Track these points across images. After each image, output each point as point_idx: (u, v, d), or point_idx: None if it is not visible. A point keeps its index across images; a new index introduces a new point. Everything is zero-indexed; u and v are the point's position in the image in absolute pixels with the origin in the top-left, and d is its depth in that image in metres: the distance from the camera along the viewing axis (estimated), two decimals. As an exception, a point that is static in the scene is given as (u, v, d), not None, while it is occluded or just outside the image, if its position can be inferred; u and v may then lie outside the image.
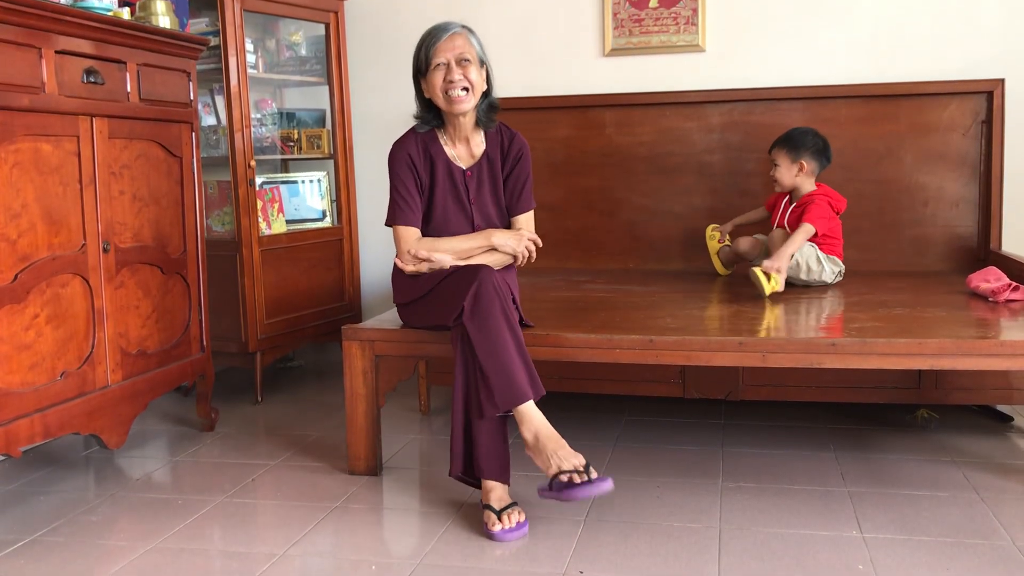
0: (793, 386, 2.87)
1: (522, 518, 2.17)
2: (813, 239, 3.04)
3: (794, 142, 3.13)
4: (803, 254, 3.01)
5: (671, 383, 2.93)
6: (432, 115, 2.51)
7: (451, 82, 2.39)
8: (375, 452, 2.58)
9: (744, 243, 3.25)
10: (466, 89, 2.40)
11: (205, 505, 2.39)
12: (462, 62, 2.40)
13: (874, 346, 2.25)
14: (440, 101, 2.43)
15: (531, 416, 2.17)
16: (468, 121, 2.49)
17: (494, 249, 2.50)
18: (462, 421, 2.24)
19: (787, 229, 3.13)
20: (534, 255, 2.54)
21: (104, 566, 2.04)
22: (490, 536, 2.13)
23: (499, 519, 2.15)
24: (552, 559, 2.02)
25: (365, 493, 2.45)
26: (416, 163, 2.48)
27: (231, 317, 3.36)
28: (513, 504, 2.20)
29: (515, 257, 2.52)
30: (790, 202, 3.19)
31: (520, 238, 2.52)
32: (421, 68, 2.45)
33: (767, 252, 3.14)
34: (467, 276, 2.27)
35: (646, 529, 2.17)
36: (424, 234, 2.50)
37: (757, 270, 2.86)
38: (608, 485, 2.07)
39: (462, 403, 2.24)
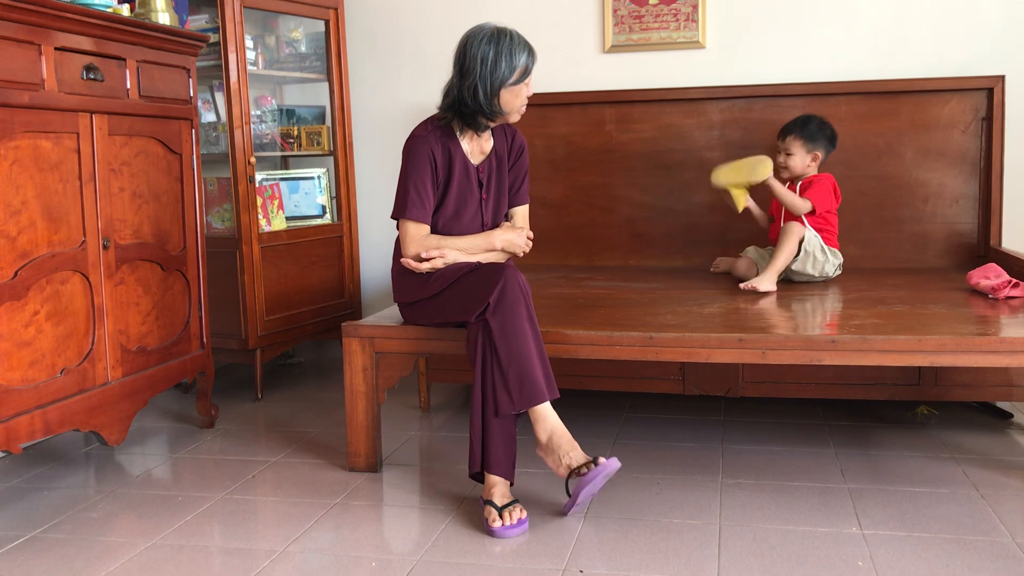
0: (793, 383, 2.87)
1: (523, 515, 2.17)
2: (812, 222, 3.05)
3: (812, 132, 3.12)
4: (810, 243, 3.00)
5: (671, 380, 2.94)
6: (468, 113, 2.45)
7: (526, 100, 2.47)
8: (375, 449, 2.58)
9: (742, 265, 3.20)
10: None
11: (205, 502, 2.39)
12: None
13: (874, 343, 2.25)
14: (513, 113, 2.47)
15: (546, 416, 2.20)
16: None
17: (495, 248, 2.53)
18: (480, 419, 2.24)
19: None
20: (528, 249, 2.61)
21: (104, 562, 2.04)
22: (490, 532, 2.13)
23: (500, 516, 2.15)
24: (552, 555, 2.02)
25: (365, 490, 2.46)
26: (436, 158, 2.46)
27: (231, 314, 3.36)
28: (515, 501, 2.20)
29: (515, 253, 2.57)
30: (792, 187, 3.18)
31: (521, 235, 2.57)
32: (506, 79, 2.39)
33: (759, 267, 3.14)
34: (492, 274, 2.28)
35: (646, 525, 2.17)
36: (433, 229, 2.50)
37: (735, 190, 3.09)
38: (614, 464, 2.13)
39: (482, 400, 2.24)
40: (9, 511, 2.36)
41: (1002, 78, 3.33)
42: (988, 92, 3.35)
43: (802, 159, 3.13)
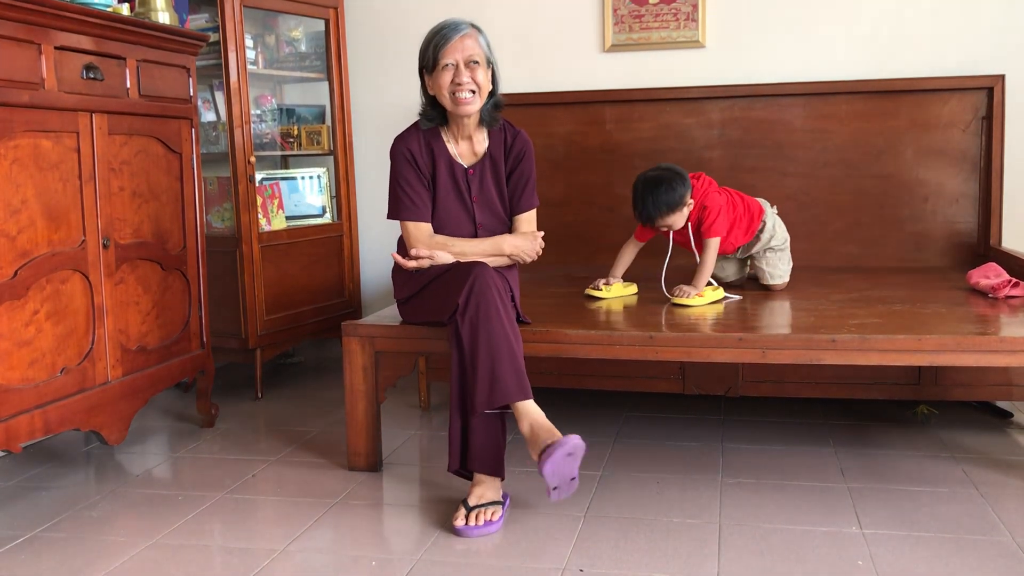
0: (793, 382, 2.87)
1: (494, 518, 2.15)
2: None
3: (669, 196, 2.79)
4: (767, 260, 2.94)
5: (671, 379, 2.93)
6: (436, 112, 2.49)
7: (459, 84, 2.36)
8: (375, 448, 2.58)
9: (730, 268, 3.09)
10: (473, 91, 2.38)
11: (205, 501, 2.39)
12: (471, 64, 2.37)
13: (874, 342, 2.25)
14: (446, 101, 2.40)
15: (527, 411, 2.17)
16: (472, 120, 2.47)
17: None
18: (460, 417, 2.24)
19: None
20: (538, 254, 2.53)
21: (104, 562, 2.04)
22: (453, 530, 2.13)
23: (467, 515, 2.15)
24: (552, 554, 2.02)
25: (365, 489, 2.46)
26: (417, 158, 2.46)
27: (231, 313, 3.36)
28: (493, 503, 2.18)
29: (522, 259, 2.52)
30: (684, 228, 2.93)
31: (531, 240, 2.50)
32: (428, 66, 2.41)
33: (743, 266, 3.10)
34: (463, 273, 2.26)
35: (646, 525, 2.18)
36: None
37: (680, 300, 2.74)
38: (573, 440, 2.05)
39: (459, 399, 2.23)
40: (9, 510, 2.36)
41: (1002, 77, 3.33)
42: (988, 91, 3.35)
43: (682, 218, 2.85)
